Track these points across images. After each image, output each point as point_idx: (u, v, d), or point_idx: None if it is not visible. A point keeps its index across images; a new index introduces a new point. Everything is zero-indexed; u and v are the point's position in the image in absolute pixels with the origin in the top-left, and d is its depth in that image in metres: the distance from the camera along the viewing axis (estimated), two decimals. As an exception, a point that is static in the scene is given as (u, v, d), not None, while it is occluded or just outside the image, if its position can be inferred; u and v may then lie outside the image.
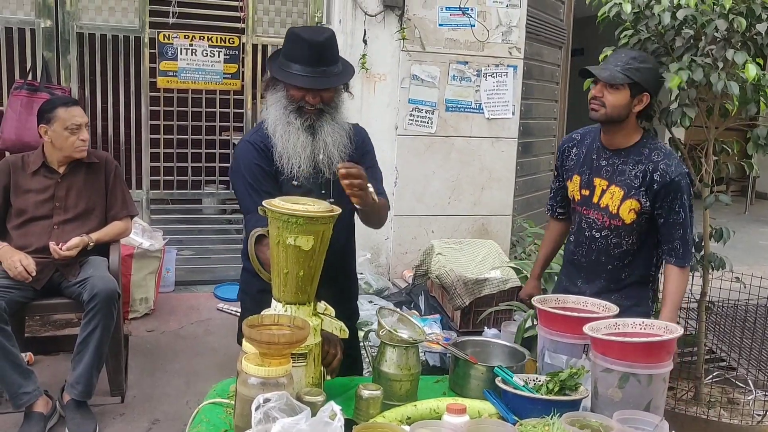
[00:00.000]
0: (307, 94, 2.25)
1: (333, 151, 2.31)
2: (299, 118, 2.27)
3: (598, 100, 2.42)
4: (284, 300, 1.94)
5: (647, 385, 1.84)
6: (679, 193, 2.42)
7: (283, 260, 1.90)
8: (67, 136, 3.37)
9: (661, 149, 2.49)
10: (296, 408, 1.60)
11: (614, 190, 2.50)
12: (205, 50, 4.88)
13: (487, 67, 5.34)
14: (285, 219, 1.85)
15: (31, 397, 3.12)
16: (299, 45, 2.27)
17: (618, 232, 2.52)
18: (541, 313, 2.18)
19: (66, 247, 3.30)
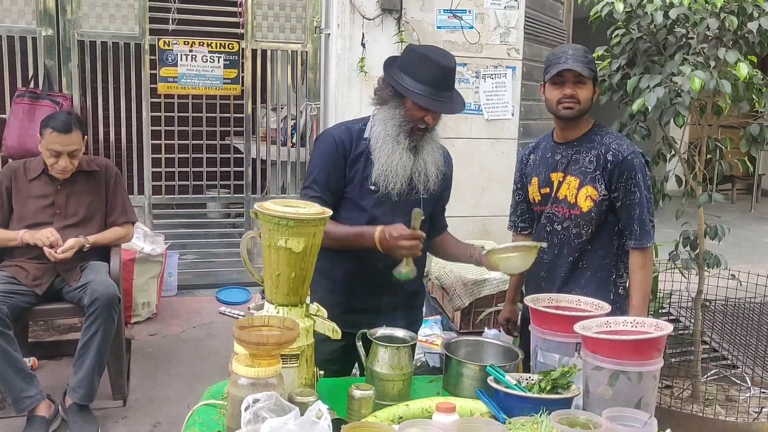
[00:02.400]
0: (428, 115, 2.29)
1: (431, 169, 2.38)
2: (408, 138, 2.31)
3: (572, 98, 2.43)
4: (276, 302, 1.96)
5: (637, 383, 1.84)
6: (633, 172, 2.41)
7: (274, 262, 1.91)
8: (47, 155, 3.39)
9: (612, 133, 2.51)
10: (285, 408, 1.62)
11: (570, 180, 2.51)
12: (205, 56, 4.92)
13: (485, 68, 5.34)
14: (276, 221, 1.87)
15: (33, 401, 3.15)
16: (429, 66, 2.28)
17: (577, 221, 2.51)
18: (534, 313, 2.19)
19: (61, 249, 3.32)
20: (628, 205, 2.44)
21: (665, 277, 3.41)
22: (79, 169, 3.50)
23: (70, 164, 3.40)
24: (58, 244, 3.30)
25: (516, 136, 5.53)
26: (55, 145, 3.35)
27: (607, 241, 2.52)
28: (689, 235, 2.96)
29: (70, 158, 3.39)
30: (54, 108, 4.40)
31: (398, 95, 2.30)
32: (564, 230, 2.54)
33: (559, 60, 2.44)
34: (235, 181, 5.45)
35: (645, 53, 2.77)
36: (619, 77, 2.79)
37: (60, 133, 3.35)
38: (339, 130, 2.44)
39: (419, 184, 2.38)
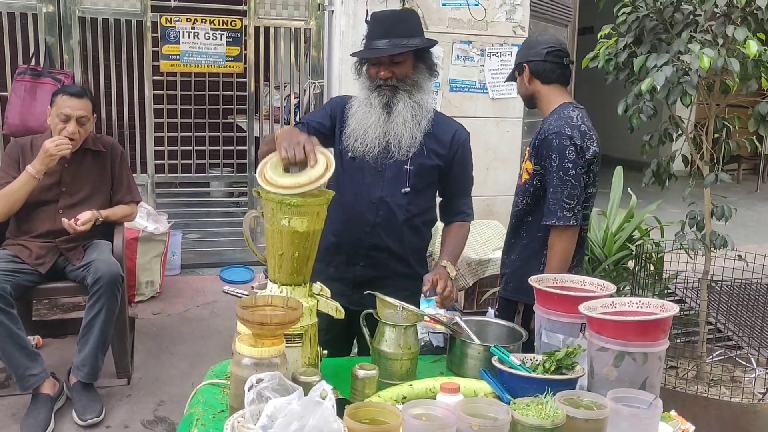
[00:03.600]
0: (379, 69, 2.29)
1: (402, 132, 2.30)
2: (378, 96, 2.31)
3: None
4: (280, 281, 1.95)
5: (642, 364, 1.83)
6: (550, 151, 2.47)
7: (278, 241, 1.90)
8: (56, 123, 3.37)
9: (558, 113, 2.54)
10: (289, 388, 1.61)
11: (526, 155, 2.64)
12: (207, 33, 4.87)
13: (491, 46, 5.30)
14: (279, 200, 1.86)
15: (37, 379, 3.16)
16: (372, 23, 2.38)
17: (518, 191, 2.65)
18: (539, 293, 2.17)
19: (81, 222, 3.32)
20: (547, 183, 2.51)
21: (671, 258, 3.40)
22: (85, 147, 3.49)
23: (78, 132, 3.37)
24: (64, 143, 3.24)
25: (521, 115, 5.49)
26: (65, 108, 3.34)
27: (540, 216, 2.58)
28: (696, 215, 2.93)
29: (79, 126, 3.37)
30: (56, 85, 4.36)
31: (360, 63, 2.37)
32: (514, 203, 2.70)
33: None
34: (238, 160, 5.43)
35: (652, 31, 2.73)
36: (626, 56, 2.75)
37: (72, 97, 3.36)
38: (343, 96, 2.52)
39: (393, 147, 2.34)
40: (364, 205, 2.40)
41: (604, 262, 3.72)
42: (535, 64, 2.61)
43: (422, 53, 2.35)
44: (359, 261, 2.44)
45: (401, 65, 2.30)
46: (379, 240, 2.42)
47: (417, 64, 2.34)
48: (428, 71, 2.38)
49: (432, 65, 2.39)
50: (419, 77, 2.35)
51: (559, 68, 2.60)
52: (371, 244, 2.42)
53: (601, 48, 2.90)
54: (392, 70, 2.30)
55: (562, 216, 2.47)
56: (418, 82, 2.34)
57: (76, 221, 3.31)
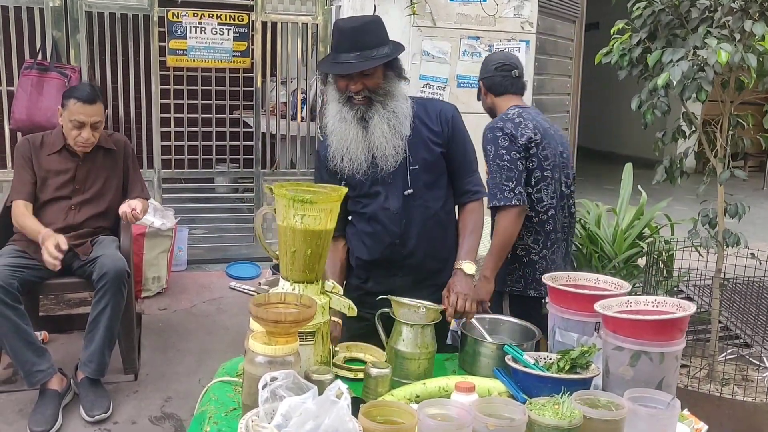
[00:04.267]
0: (349, 82, 2.22)
1: (382, 143, 2.26)
2: (351, 110, 2.25)
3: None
4: (292, 279, 1.93)
5: (659, 363, 1.81)
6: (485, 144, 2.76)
7: (290, 239, 1.88)
8: (70, 128, 3.36)
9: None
10: (303, 386, 1.60)
11: None
12: (215, 28, 4.85)
13: (499, 42, 5.27)
14: (291, 197, 1.84)
15: (45, 375, 3.14)
16: (336, 34, 2.27)
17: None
18: (552, 291, 2.15)
19: (140, 210, 3.39)
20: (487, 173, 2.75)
21: (680, 256, 3.37)
22: (98, 144, 3.49)
23: (92, 136, 3.38)
24: (53, 263, 3.19)
25: (528, 112, 5.45)
26: (79, 116, 3.32)
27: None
28: (708, 212, 2.91)
29: (93, 130, 3.37)
30: (62, 80, 4.36)
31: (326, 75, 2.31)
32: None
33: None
34: (244, 156, 5.41)
35: (667, 26, 2.70)
36: (640, 51, 2.73)
37: (84, 104, 3.34)
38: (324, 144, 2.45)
39: (380, 159, 2.30)
40: (386, 218, 2.38)
41: (614, 259, 3.69)
42: (487, 80, 2.91)
43: (390, 60, 2.27)
44: (397, 272, 2.43)
45: (371, 77, 2.23)
46: (411, 247, 2.40)
47: (386, 72, 2.27)
48: (398, 78, 2.30)
49: (401, 71, 2.31)
50: (390, 85, 2.27)
51: (508, 80, 2.87)
52: (406, 253, 2.40)
53: (614, 43, 2.87)
54: (363, 82, 2.22)
55: (502, 197, 2.67)
56: (390, 90, 2.27)
57: (133, 211, 3.34)
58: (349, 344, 2.27)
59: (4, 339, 3.09)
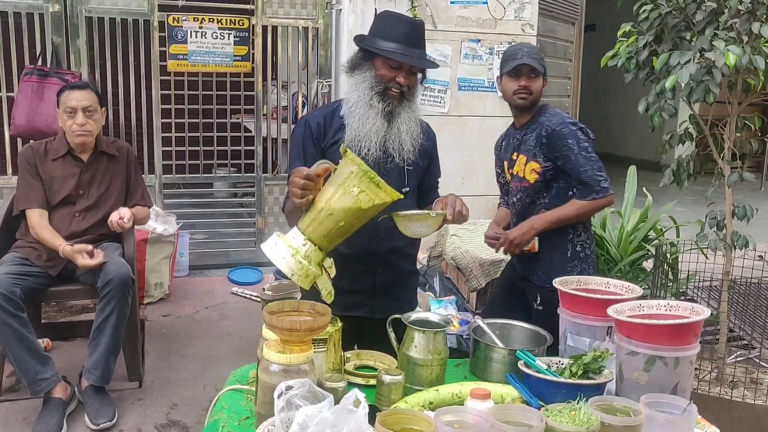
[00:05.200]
0: (399, 74, 2.22)
1: (405, 139, 2.28)
2: (382, 101, 2.24)
3: (526, 89, 2.74)
4: (310, 236, 1.87)
5: (674, 368, 1.80)
6: (564, 139, 2.68)
7: (335, 203, 1.85)
8: (65, 119, 3.36)
9: (550, 112, 2.80)
10: (319, 395, 1.58)
11: (521, 158, 2.81)
12: (215, 32, 4.83)
13: (499, 44, 5.27)
14: (365, 169, 1.83)
15: (49, 383, 3.12)
16: (397, 23, 2.27)
17: (527, 191, 2.81)
18: (563, 296, 2.14)
19: (126, 219, 3.35)
20: (570, 168, 2.71)
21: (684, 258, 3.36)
22: (101, 149, 3.49)
23: (87, 122, 3.36)
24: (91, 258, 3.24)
25: (530, 114, 5.45)
26: (70, 101, 3.34)
27: (561, 202, 2.76)
28: (716, 215, 2.90)
29: (86, 116, 3.35)
30: (62, 85, 4.33)
31: (368, 58, 2.27)
32: (519, 201, 2.87)
33: (516, 57, 2.76)
34: (245, 160, 5.39)
35: (673, 29, 2.70)
36: (646, 54, 2.72)
37: (73, 90, 3.38)
38: (313, 114, 2.43)
39: (394, 152, 2.30)
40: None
41: (620, 262, 3.68)
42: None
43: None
44: (377, 267, 2.39)
45: (414, 76, 2.28)
46: (394, 243, 2.39)
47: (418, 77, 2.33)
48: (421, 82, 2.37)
49: (425, 76, 2.37)
50: (417, 88, 2.34)
51: None
52: (388, 248, 2.38)
53: (620, 46, 2.87)
54: (409, 79, 2.26)
55: (601, 188, 2.67)
56: (416, 92, 2.34)
57: (122, 219, 3.32)
58: (359, 352, 2.26)
59: (7, 347, 3.07)
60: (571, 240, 2.80)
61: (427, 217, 2.10)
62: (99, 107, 3.44)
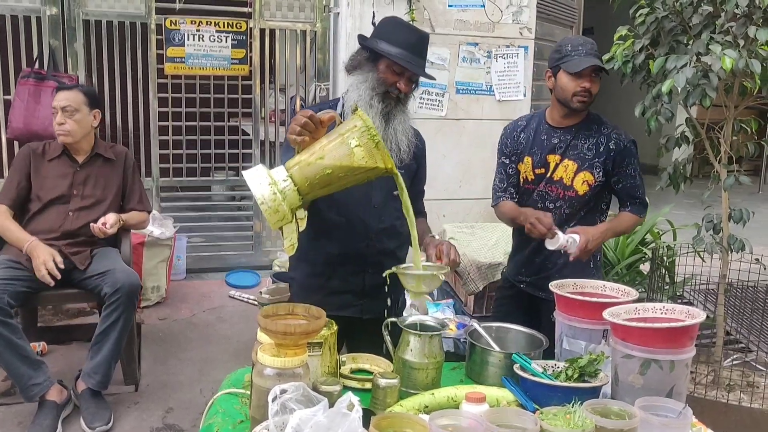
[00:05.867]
0: (401, 80, 2.26)
1: (402, 138, 2.31)
2: (381, 102, 2.26)
3: (588, 92, 2.59)
4: (292, 174, 1.82)
5: (669, 371, 1.80)
6: (632, 157, 2.65)
7: (330, 148, 1.82)
8: (53, 120, 3.42)
9: (608, 123, 2.70)
10: (313, 399, 1.58)
11: (567, 164, 2.68)
12: (213, 35, 4.83)
13: (497, 48, 5.26)
14: (369, 125, 1.81)
15: (41, 388, 3.10)
16: (406, 31, 2.32)
17: (571, 202, 2.70)
18: (559, 299, 2.14)
19: (109, 224, 3.33)
20: (630, 187, 2.69)
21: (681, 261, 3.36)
22: (98, 152, 3.53)
23: (67, 122, 3.39)
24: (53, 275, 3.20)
25: (527, 118, 5.45)
26: (56, 102, 3.41)
27: (591, 220, 2.72)
28: (713, 218, 2.90)
29: (66, 115, 3.39)
30: (60, 89, 4.34)
31: (372, 60, 2.29)
32: (557, 209, 2.72)
33: (580, 53, 2.57)
34: (243, 164, 5.38)
35: (670, 33, 2.70)
36: (643, 57, 2.72)
37: (60, 90, 3.45)
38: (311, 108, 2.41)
39: (390, 153, 2.31)
40: (365, 211, 2.36)
41: (617, 265, 3.68)
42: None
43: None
44: (368, 268, 2.39)
45: (412, 84, 2.33)
46: (385, 245, 2.39)
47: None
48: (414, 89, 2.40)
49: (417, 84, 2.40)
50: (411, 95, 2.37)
51: None
52: (379, 249, 2.38)
53: (617, 50, 2.87)
54: (408, 86, 2.30)
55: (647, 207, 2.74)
56: (410, 99, 2.38)
57: (104, 224, 3.30)
58: (355, 355, 2.25)
59: (-2, 354, 3.05)
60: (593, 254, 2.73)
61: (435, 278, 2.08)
62: (86, 108, 3.46)
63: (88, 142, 3.51)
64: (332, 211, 2.34)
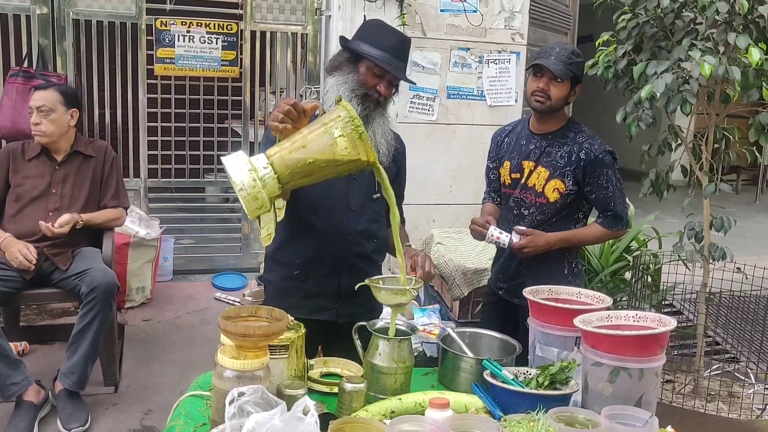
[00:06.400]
0: (381, 83, 2.24)
1: (381, 141, 2.29)
2: (360, 105, 2.24)
3: (544, 92, 2.59)
4: (273, 161, 1.78)
5: (638, 380, 1.78)
6: (605, 168, 2.60)
7: (312, 140, 1.78)
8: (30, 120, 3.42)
9: (585, 132, 2.67)
10: (272, 402, 1.56)
11: (540, 171, 2.67)
12: (203, 37, 4.82)
13: (489, 53, 5.25)
14: (351, 115, 1.78)
15: (19, 387, 3.09)
16: (388, 34, 2.29)
17: (542, 209, 2.69)
18: (532, 305, 2.12)
19: (58, 224, 3.28)
20: (602, 198, 2.65)
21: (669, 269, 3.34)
22: (76, 149, 3.51)
23: (40, 122, 3.38)
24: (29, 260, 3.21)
25: (519, 123, 5.43)
26: (32, 101, 3.42)
27: (564, 228, 2.70)
28: (694, 226, 2.88)
29: (41, 115, 3.38)
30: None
31: (353, 61, 2.27)
32: (530, 215, 2.72)
33: (545, 54, 2.60)
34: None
35: (652, 38, 2.68)
36: (625, 63, 2.70)
37: (38, 90, 3.45)
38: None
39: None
40: (343, 214, 2.34)
41: (601, 272, 3.66)
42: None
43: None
44: (343, 271, 2.36)
45: (392, 87, 2.30)
46: (362, 248, 2.36)
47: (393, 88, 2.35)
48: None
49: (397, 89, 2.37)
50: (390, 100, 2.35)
51: None
52: (355, 252, 2.35)
53: (600, 55, 2.86)
54: (388, 90, 2.28)
55: (626, 222, 2.70)
56: (389, 103, 2.35)
57: (53, 224, 3.26)
58: (326, 359, 2.23)
59: (-25, 353, 3.03)
60: (567, 258, 2.75)
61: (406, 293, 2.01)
62: (62, 108, 3.44)
63: (66, 140, 3.49)
64: (309, 212, 2.32)
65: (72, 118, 3.49)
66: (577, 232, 2.72)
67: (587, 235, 2.75)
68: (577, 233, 2.71)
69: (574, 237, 2.71)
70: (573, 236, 2.70)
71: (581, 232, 2.73)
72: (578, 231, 2.72)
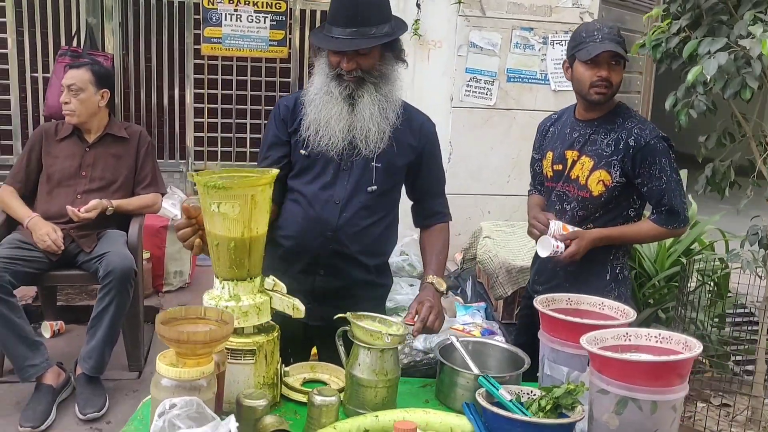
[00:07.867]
0: (342, 60, 2.01)
1: (371, 125, 2.05)
2: (338, 86, 2.03)
3: (607, 81, 2.31)
4: (221, 276, 1.72)
5: (651, 413, 1.49)
6: (657, 156, 2.31)
7: (212, 231, 1.68)
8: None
9: (635, 117, 2.40)
10: (208, 417, 1.39)
11: (584, 161, 2.42)
12: (251, 16, 4.70)
13: (554, 34, 4.90)
14: (205, 183, 1.63)
15: (38, 369, 3.06)
16: (334, 3, 2.06)
17: (584, 204, 2.42)
18: (543, 317, 1.85)
19: (85, 209, 3.24)
20: (655, 190, 2.35)
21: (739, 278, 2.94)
22: (108, 132, 3.46)
23: (70, 101, 3.36)
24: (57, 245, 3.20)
25: (584, 110, 5.06)
26: (62, 80, 3.43)
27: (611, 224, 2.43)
28: (758, 230, 2.50)
29: (71, 94, 3.36)
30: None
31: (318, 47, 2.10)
32: (571, 210, 2.46)
33: (595, 38, 2.31)
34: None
35: (710, 11, 2.32)
36: (677, 41, 2.35)
37: (70, 69, 3.45)
38: (287, 97, 2.25)
39: (360, 143, 2.06)
40: (325, 207, 2.12)
41: (655, 277, 3.29)
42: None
43: (390, 41, 2.06)
44: (319, 270, 2.15)
45: (367, 57, 2.02)
46: (342, 245, 2.13)
47: (384, 53, 2.06)
48: (396, 60, 2.10)
49: (401, 53, 2.11)
50: (386, 68, 2.07)
51: None
52: (333, 250, 2.13)
53: (654, 32, 2.52)
54: (357, 62, 2.01)
55: (684, 218, 2.40)
56: (385, 73, 2.07)
57: (80, 209, 3.20)
58: (314, 364, 2.04)
59: (-5, 331, 3.01)
60: (611, 262, 2.47)
61: (379, 337, 1.76)
62: (92, 87, 3.39)
63: (98, 121, 3.44)
64: (291, 202, 2.15)
65: (102, 98, 3.43)
66: (626, 228, 2.42)
67: (637, 233, 2.45)
68: (625, 230, 2.42)
69: (621, 234, 2.41)
70: (621, 233, 2.41)
71: (630, 228, 2.43)
72: (627, 227, 2.42)
